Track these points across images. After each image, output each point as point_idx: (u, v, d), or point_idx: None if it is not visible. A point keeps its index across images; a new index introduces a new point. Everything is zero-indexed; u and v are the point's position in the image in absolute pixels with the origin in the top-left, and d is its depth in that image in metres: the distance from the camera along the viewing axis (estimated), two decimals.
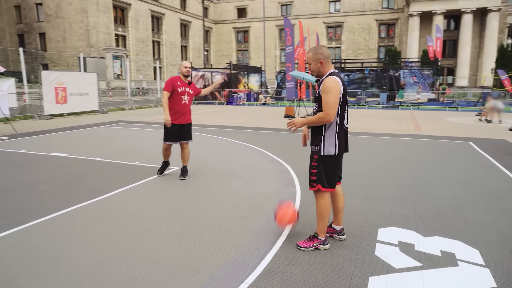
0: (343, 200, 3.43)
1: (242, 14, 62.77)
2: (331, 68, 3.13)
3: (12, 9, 44.96)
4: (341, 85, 3.03)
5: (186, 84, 5.48)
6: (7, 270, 2.91)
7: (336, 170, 3.21)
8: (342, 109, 3.10)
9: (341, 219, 3.44)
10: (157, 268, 2.93)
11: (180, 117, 5.50)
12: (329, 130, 3.11)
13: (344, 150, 3.20)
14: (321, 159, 3.14)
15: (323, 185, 3.17)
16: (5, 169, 6.27)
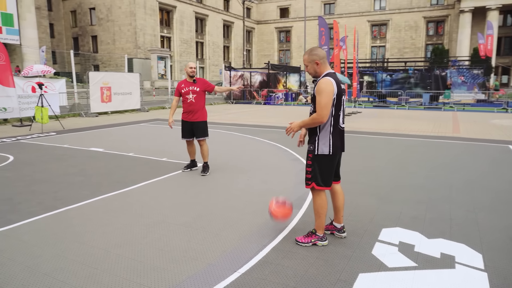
0: (342, 199, 3.48)
1: (284, 14, 62.76)
2: (327, 69, 3.21)
3: (68, 14, 48.18)
4: (335, 85, 3.09)
5: (190, 83, 5.80)
6: (32, 249, 3.28)
7: (331, 169, 3.27)
8: (337, 109, 3.16)
9: (341, 217, 3.49)
10: (161, 255, 3.17)
11: (189, 115, 5.83)
12: (323, 130, 3.19)
13: (339, 150, 3.27)
14: (315, 158, 3.23)
15: (317, 183, 3.25)
16: (48, 162, 6.88)
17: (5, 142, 9.16)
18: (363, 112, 17.89)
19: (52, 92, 14.74)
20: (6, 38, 33.79)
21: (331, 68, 3.32)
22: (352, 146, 8.49)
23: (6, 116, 12.91)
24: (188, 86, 5.76)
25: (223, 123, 13.13)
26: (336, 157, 3.27)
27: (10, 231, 3.68)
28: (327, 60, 3.29)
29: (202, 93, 5.81)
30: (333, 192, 3.46)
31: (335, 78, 3.13)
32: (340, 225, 3.51)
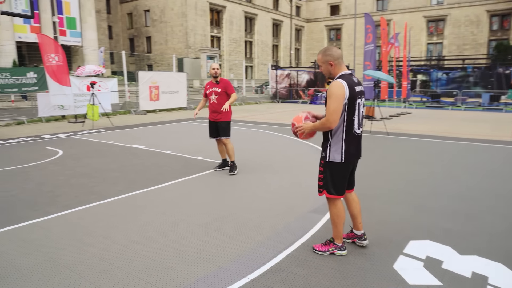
0: (357, 206, 3.29)
1: (335, 11, 61.45)
2: (343, 70, 3.00)
3: (125, 16, 50.81)
4: (347, 89, 2.87)
5: (214, 84, 5.88)
6: (59, 241, 3.45)
7: (343, 177, 3.08)
8: (350, 114, 2.95)
9: (359, 224, 3.30)
10: (176, 255, 3.19)
11: (213, 115, 5.93)
12: (335, 136, 3.01)
13: (354, 157, 3.08)
14: (327, 165, 3.07)
15: (328, 191, 3.09)
16: (92, 157, 7.26)
17: (59, 137, 9.83)
18: (413, 113, 16.99)
19: (105, 91, 15.60)
20: (70, 40, 36.38)
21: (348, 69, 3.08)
22: (394, 150, 8.07)
23: (63, 113, 13.89)
24: (212, 87, 5.89)
25: (264, 123, 13.10)
26: (349, 165, 3.07)
27: (43, 223, 3.91)
28: (341, 61, 3.03)
29: (223, 94, 5.82)
30: (347, 200, 3.29)
31: (349, 81, 2.92)
32: (360, 232, 3.32)
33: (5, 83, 13.21)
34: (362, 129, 3.11)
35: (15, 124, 12.66)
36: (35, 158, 7.10)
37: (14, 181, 5.55)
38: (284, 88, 27.43)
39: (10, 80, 13.30)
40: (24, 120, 13.15)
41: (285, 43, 60.96)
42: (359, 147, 3.12)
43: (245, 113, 16.97)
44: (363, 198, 4.55)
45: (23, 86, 13.75)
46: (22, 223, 3.91)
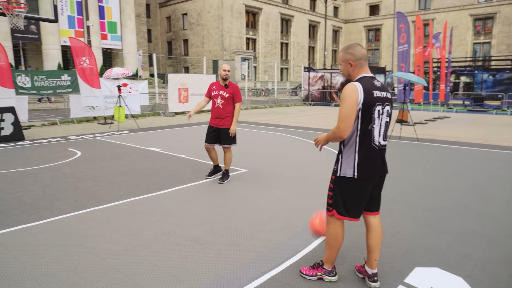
0: (377, 236, 2.76)
1: (374, 11, 59.70)
2: (364, 72, 2.60)
3: (164, 20, 52.17)
4: (362, 93, 2.47)
5: (222, 87, 5.42)
6: (39, 249, 3.34)
7: (357, 196, 2.63)
8: (366, 122, 2.52)
9: (374, 261, 2.75)
10: (151, 270, 2.97)
11: (216, 121, 5.48)
12: (347, 147, 2.61)
13: (371, 173, 2.59)
14: (337, 180, 2.66)
15: (338, 211, 2.67)
16: (106, 160, 7.28)
17: (84, 138, 10.03)
18: (452, 117, 15.93)
19: (135, 93, 15.91)
20: (111, 44, 37.81)
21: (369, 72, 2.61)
22: (420, 158, 7.46)
23: (94, 114, 14.27)
24: (219, 90, 5.43)
25: (289, 126, 12.75)
26: (365, 182, 2.60)
27: (33, 228, 3.85)
28: (364, 62, 2.61)
29: (230, 100, 5.43)
30: (367, 226, 2.81)
31: (366, 84, 2.52)
32: (371, 271, 2.76)
33: (41, 85, 13.78)
34: (384, 142, 2.65)
35: (49, 125, 13.15)
36: (52, 160, 7.22)
37: (23, 182, 5.62)
38: (317, 90, 26.84)
39: (46, 82, 13.86)
40: (57, 121, 13.64)
41: (321, 44, 59.92)
42: (379, 162, 2.64)
43: (273, 116, 16.67)
44: None
45: (58, 88, 14.30)
46: (13, 227, 3.86)
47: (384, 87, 2.63)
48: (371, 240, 2.77)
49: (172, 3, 50.31)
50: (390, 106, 2.64)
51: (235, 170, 6.35)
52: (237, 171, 6.32)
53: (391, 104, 2.64)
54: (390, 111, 2.63)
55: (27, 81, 13.17)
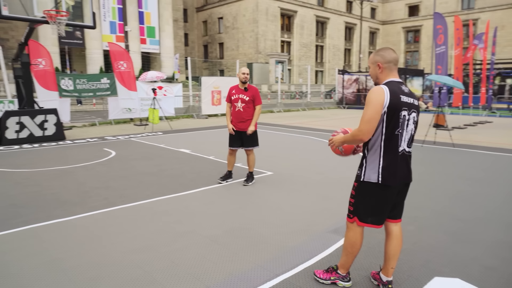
0: (397, 244, 2.70)
1: (413, 12, 57.84)
2: (392, 77, 2.55)
3: (201, 24, 53.30)
4: (388, 96, 2.42)
5: (242, 91, 5.46)
6: (64, 243, 3.55)
7: (381, 203, 2.58)
8: (392, 126, 2.47)
9: (390, 269, 2.70)
10: (169, 267, 3.08)
11: (237, 124, 5.50)
12: (371, 151, 2.56)
13: (396, 179, 2.52)
14: (360, 186, 2.62)
15: (360, 218, 2.63)
16: (137, 160, 7.57)
17: (119, 139, 10.47)
18: (495, 122, 15.12)
19: (170, 96, 16.39)
20: (149, 48, 39.14)
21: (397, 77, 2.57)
22: (453, 164, 7.17)
23: (131, 115, 14.83)
24: (239, 93, 5.47)
25: (319, 129, 12.64)
26: (388, 188, 2.53)
27: (63, 223, 4.09)
28: (393, 66, 2.57)
29: (251, 103, 5.46)
30: (387, 233, 2.76)
31: (394, 87, 2.48)
32: (386, 278, 2.72)
33: (83, 88, 14.51)
34: (408, 149, 2.59)
35: (89, 126, 13.83)
36: (88, 159, 7.60)
37: (60, 179, 5.96)
38: (351, 93, 26.39)
39: (86, 85, 14.58)
40: (96, 122, 14.32)
41: (358, 46, 58.88)
42: (404, 168, 2.59)
43: (305, 119, 16.58)
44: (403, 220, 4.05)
45: (98, 91, 14.99)
46: (47, 221, 4.13)
47: (412, 93, 2.57)
48: (390, 248, 2.72)
49: (208, 7, 51.33)
50: (417, 114, 2.58)
51: (261, 172, 6.40)
52: (262, 173, 6.37)
53: (417, 112, 2.58)
54: (416, 118, 2.57)
55: (70, 84, 13.92)
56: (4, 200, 4.93)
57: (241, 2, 46.88)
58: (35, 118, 9.90)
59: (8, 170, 6.68)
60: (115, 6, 35.67)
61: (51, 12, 8.53)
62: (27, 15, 8.65)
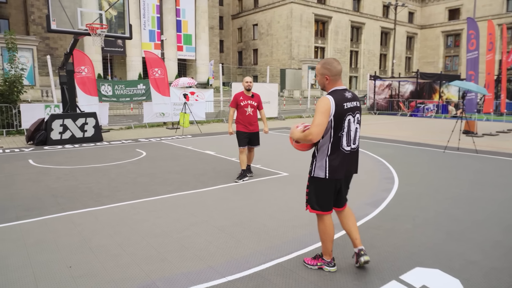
0: (349, 222, 3.16)
1: (454, 16, 55.96)
2: (337, 85, 2.96)
3: (236, 31, 54.45)
4: (333, 105, 2.83)
5: (249, 97, 6.16)
6: (96, 227, 4.11)
7: (328, 194, 3.02)
8: (337, 131, 2.90)
9: (355, 240, 3.12)
10: (179, 250, 3.53)
11: (248, 127, 6.15)
12: (320, 152, 2.99)
13: (340, 174, 2.96)
14: (311, 180, 3.07)
15: (312, 206, 3.08)
16: (165, 160, 8.17)
17: (151, 141, 11.21)
18: None
19: (201, 101, 17.12)
20: (185, 54, 40.60)
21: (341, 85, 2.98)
22: (470, 170, 7.20)
23: (164, 119, 15.68)
24: (247, 100, 6.16)
25: None
26: (333, 181, 2.99)
27: (95, 211, 4.67)
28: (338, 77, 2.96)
29: (256, 107, 6.27)
30: (339, 217, 3.20)
31: (338, 96, 2.88)
32: (358, 248, 3.12)
33: (121, 93, 15.54)
34: (354, 145, 3.01)
35: (125, 129, 14.78)
36: (121, 158, 8.30)
37: (95, 175, 6.64)
38: (383, 99, 26.11)
39: (124, 91, 15.59)
40: (132, 125, 15.26)
41: (394, 51, 57.72)
42: (348, 164, 3.01)
43: None
44: (397, 219, 4.31)
45: (134, 96, 15.98)
46: (81, 209, 4.73)
47: (354, 97, 2.99)
48: (345, 226, 3.18)
49: (243, 14, 52.39)
50: (360, 113, 3.02)
51: (276, 173, 6.78)
52: (278, 174, 6.73)
53: (360, 112, 3.02)
54: (359, 118, 3.02)
55: (109, 90, 14.97)
56: (47, 191, 5.63)
57: (276, 9, 47.51)
58: (77, 121, 10.83)
59: (52, 167, 7.48)
60: (155, 15, 37.41)
61: (93, 25, 9.42)
62: (72, 28, 9.57)
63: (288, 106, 31.77)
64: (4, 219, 4.38)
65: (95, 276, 3.03)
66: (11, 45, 12.95)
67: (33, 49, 23.64)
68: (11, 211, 4.69)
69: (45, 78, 32.00)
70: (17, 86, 12.95)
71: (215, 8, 45.34)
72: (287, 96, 39.84)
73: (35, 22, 34.90)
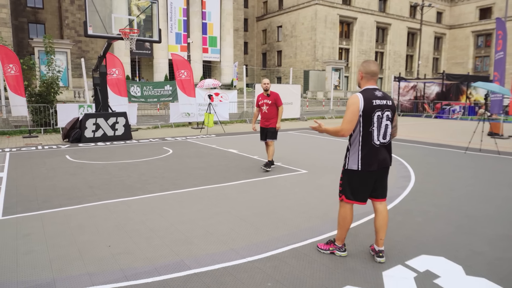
0: (383, 219, 3.30)
1: (485, 15, 54.32)
2: (369, 85, 3.21)
3: (260, 33, 54.93)
4: (362, 102, 3.08)
5: (265, 97, 6.90)
6: (129, 214, 4.54)
7: (361, 185, 3.23)
8: (367, 126, 3.12)
9: (379, 240, 3.29)
10: (204, 234, 3.91)
11: (264, 123, 6.92)
12: (352, 146, 3.23)
13: (373, 167, 3.16)
14: (345, 172, 3.32)
15: (346, 196, 3.30)
16: (191, 157, 8.61)
17: (177, 140, 11.72)
18: None
19: (225, 101, 17.58)
20: (210, 56, 41.36)
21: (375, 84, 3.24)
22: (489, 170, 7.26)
23: (189, 119, 16.22)
24: (264, 99, 6.92)
25: None
26: (367, 174, 3.19)
27: (128, 201, 5.12)
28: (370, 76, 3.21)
29: (273, 105, 6.84)
30: (374, 210, 3.39)
31: (367, 95, 3.12)
32: (378, 248, 3.30)
33: (149, 94, 16.21)
34: (384, 140, 3.19)
35: (152, 128, 15.41)
36: (149, 155, 8.81)
37: (126, 170, 7.14)
38: (408, 100, 25.82)
39: (152, 92, 16.26)
40: (159, 125, 15.89)
41: (421, 52, 56.60)
42: (379, 157, 3.19)
43: None
44: (409, 213, 4.53)
45: (161, 97, 16.62)
46: (115, 199, 5.20)
47: (385, 96, 3.20)
48: (377, 222, 3.33)
49: (268, 16, 52.79)
50: (390, 112, 3.20)
51: (296, 170, 7.07)
52: (297, 171, 7.02)
53: (391, 110, 3.20)
54: (390, 115, 3.20)
55: (138, 91, 15.66)
56: (84, 183, 6.15)
57: (300, 11, 47.64)
58: (108, 120, 11.47)
59: (87, 162, 8.05)
60: (181, 18, 38.36)
61: (125, 30, 10.01)
62: (106, 33, 10.20)
63: (311, 107, 31.80)
64: (50, 206, 4.89)
65: (131, 254, 3.44)
66: (49, 49, 13.81)
67: (67, 52, 24.86)
68: (55, 199, 5.22)
69: (76, 79, 33.47)
70: (54, 87, 13.79)
71: (240, 10, 45.93)
72: (310, 97, 39.88)
73: (69, 27, 36.52)
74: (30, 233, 3.95)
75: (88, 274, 3.06)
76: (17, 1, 34.59)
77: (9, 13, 29.75)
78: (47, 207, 4.84)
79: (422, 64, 56.07)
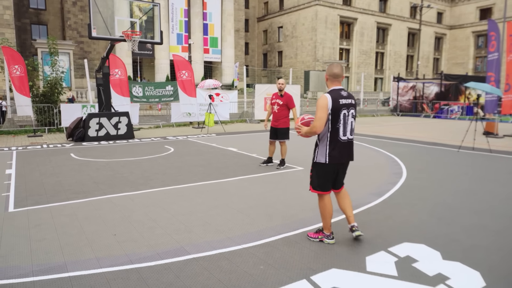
0: (345, 202, 3.76)
1: (485, 15, 54.48)
2: (334, 86, 3.55)
3: (261, 34, 55.23)
4: (330, 101, 3.43)
5: (278, 97, 7.02)
6: (133, 207, 4.82)
7: (327, 176, 3.60)
8: (334, 123, 3.48)
9: (349, 217, 3.72)
10: (203, 224, 4.19)
11: (274, 122, 7.09)
12: (321, 141, 3.59)
13: (338, 160, 3.56)
14: (314, 165, 3.67)
15: (313, 187, 3.70)
16: (191, 155, 8.89)
17: (178, 139, 12.01)
18: None
19: (226, 101, 17.86)
20: (211, 57, 41.67)
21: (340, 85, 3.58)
22: (480, 168, 7.52)
23: (190, 119, 16.51)
24: (276, 99, 7.08)
25: (362, 134, 13.17)
26: (332, 166, 3.57)
27: (132, 195, 5.41)
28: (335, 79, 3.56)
29: (285, 106, 6.98)
30: (337, 197, 3.80)
31: (334, 95, 3.46)
32: (351, 224, 3.70)
33: (150, 94, 16.51)
34: (351, 136, 3.58)
35: (154, 127, 15.71)
36: (151, 153, 9.10)
37: (128, 167, 7.43)
38: (407, 101, 26.06)
39: (153, 92, 16.55)
40: (160, 124, 16.18)
41: (422, 52, 56.80)
42: (345, 152, 3.58)
43: None
44: (397, 206, 4.80)
45: (163, 97, 16.91)
46: (119, 194, 5.48)
47: (349, 95, 3.57)
48: (342, 205, 3.78)
49: (269, 17, 53.10)
50: (355, 109, 3.58)
51: (292, 167, 7.34)
52: (294, 168, 7.29)
53: (355, 108, 3.59)
54: (354, 113, 3.59)
55: (139, 91, 15.96)
56: (89, 179, 6.44)
57: (301, 11, 47.93)
58: (111, 120, 11.77)
59: (91, 159, 8.35)
60: (182, 19, 38.69)
61: (128, 32, 10.31)
62: (109, 35, 10.50)
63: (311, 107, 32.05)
64: (58, 199, 5.19)
65: (136, 242, 3.73)
66: (53, 50, 14.12)
67: (70, 53, 25.22)
68: (62, 193, 5.51)
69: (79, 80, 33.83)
70: (57, 88, 14.10)
71: (240, 11, 46.24)
72: (310, 97, 40.13)
73: (71, 28, 36.90)
74: (41, 224, 4.24)
75: (96, 259, 3.34)
76: (20, 2, 34.98)
77: (13, 15, 30.13)
78: (55, 201, 5.13)
79: (423, 65, 56.30)
